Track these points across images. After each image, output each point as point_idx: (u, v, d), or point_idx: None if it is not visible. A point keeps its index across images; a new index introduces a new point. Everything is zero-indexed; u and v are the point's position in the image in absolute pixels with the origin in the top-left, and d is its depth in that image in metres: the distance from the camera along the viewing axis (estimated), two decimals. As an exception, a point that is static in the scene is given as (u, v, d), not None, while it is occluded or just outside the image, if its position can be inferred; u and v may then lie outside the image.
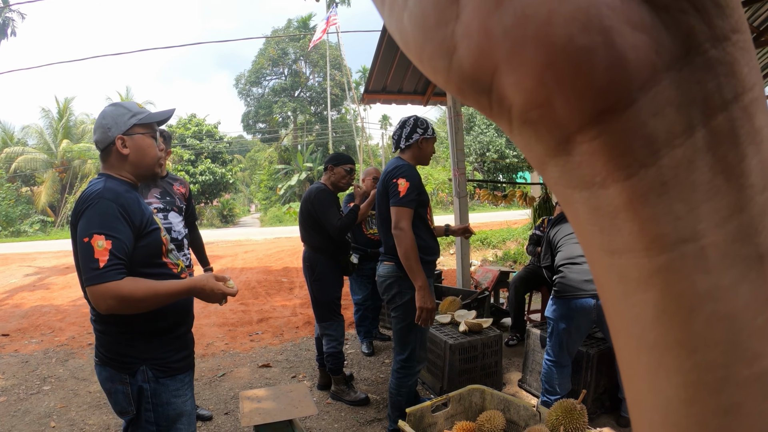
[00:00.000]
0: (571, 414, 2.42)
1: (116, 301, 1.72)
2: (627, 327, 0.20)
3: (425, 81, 6.76)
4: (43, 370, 4.85)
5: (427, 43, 0.21)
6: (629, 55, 0.17)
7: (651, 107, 0.18)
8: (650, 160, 0.18)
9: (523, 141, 0.21)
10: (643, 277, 0.19)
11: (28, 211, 27.65)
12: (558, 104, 0.18)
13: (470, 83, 0.20)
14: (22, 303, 7.92)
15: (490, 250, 12.32)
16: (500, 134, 32.18)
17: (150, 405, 1.91)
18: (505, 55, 0.18)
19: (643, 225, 0.18)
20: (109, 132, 1.92)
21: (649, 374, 0.20)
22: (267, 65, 40.80)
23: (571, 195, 0.20)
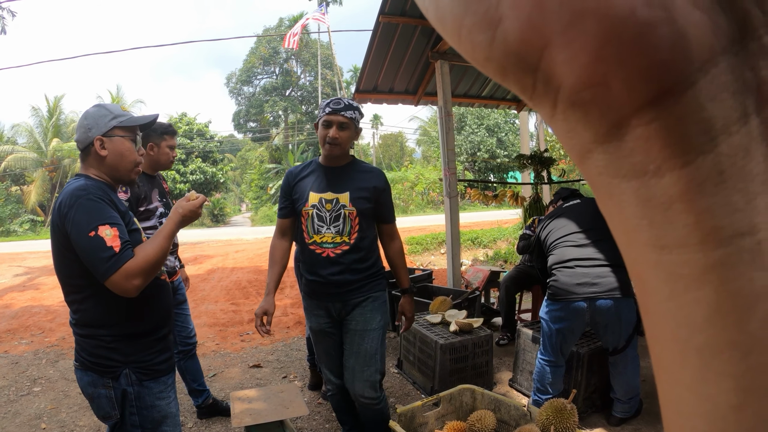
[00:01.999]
0: (562, 413, 2.43)
1: (141, 276, 1.78)
2: (673, 329, 0.19)
3: (416, 81, 6.76)
4: (33, 371, 4.82)
5: (467, 14, 0.19)
6: (690, 33, 0.17)
7: (709, 90, 0.17)
8: (708, 146, 0.17)
9: (567, 126, 0.19)
10: (696, 274, 0.18)
11: (17, 211, 27.46)
12: (615, 83, 0.17)
13: (515, 60, 0.19)
14: (12, 303, 7.87)
15: (480, 250, 12.34)
16: (491, 134, 32.23)
17: (134, 408, 1.91)
18: (560, 28, 0.17)
19: (699, 217, 0.17)
20: (89, 132, 1.93)
21: (696, 380, 0.19)
22: (258, 64, 40.73)
23: (618, 185, 0.19)
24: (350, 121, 2.64)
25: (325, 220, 2.68)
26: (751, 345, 0.17)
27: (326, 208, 2.67)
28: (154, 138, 3.32)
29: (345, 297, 2.73)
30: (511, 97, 8.02)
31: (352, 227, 2.68)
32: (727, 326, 0.17)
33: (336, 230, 2.67)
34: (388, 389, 4.18)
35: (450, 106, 6.00)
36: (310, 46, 38.39)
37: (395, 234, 2.93)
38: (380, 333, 2.80)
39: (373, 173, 2.79)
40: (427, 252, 12.18)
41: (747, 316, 0.17)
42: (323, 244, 2.69)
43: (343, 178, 2.71)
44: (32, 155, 28.76)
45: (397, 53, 6.12)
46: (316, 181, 2.73)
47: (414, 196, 28.85)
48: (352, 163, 2.79)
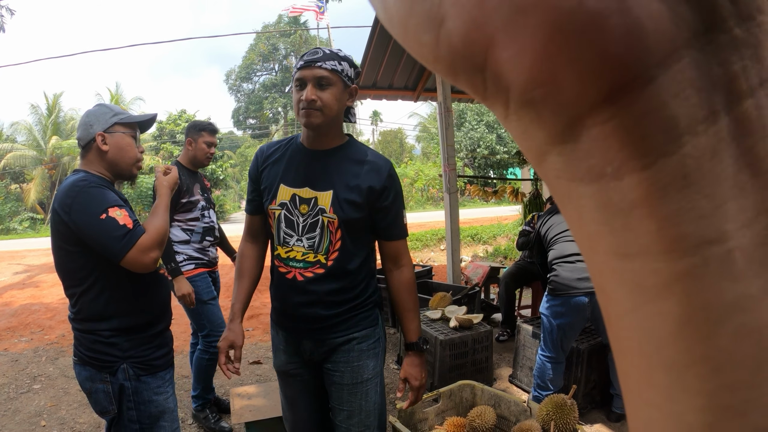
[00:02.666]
0: (562, 409, 2.43)
1: (156, 248, 1.87)
2: (638, 343, 0.18)
3: (416, 76, 6.75)
4: (33, 368, 4.82)
5: (411, 15, 0.18)
6: (647, 25, 0.15)
7: (671, 87, 0.15)
8: (671, 148, 0.16)
9: (521, 127, 0.18)
10: (661, 285, 0.16)
11: (17, 209, 27.45)
12: (565, 81, 0.16)
13: (462, 60, 0.17)
14: (12, 301, 7.87)
15: (480, 246, 12.34)
16: (491, 130, 32.21)
17: (132, 403, 1.92)
18: (502, 25, 0.16)
19: (662, 223, 0.16)
20: (91, 129, 1.97)
21: (665, 398, 0.17)
22: (257, 61, 40.74)
23: (575, 189, 0.18)
24: (334, 74, 1.79)
25: (295, 227, 1.90)
26: (721, 361, 0.16)
27: (300, 210, 1.89)
28: (192, 134, 3.41)
29: (318, 335, 1.97)
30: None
31: (332, 243, 1.87)
32: (695, 341, 0.16)
33: (309, 244, 1.88)
34: (388, 385, 4.18)
35: (449, 102, 5.99)
36: (310, 43, 38.35)
37: (403, 257, 2.03)
38: (376, 384, 2.07)
39: (373, 165, 1.92)
40: (427, 248, 12.18)
41: (716, 331, 0.16)
42: (290, 261, 1.91)
43: (329, 168, 1.90)
44: (31, 153, 28.74)
45: (396, 49, 6.10)
46: (290, 169, 1.94)
47: (414, 193, 28.88)
48: (345, 146, 1.95)
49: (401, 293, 2.05)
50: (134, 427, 1.93)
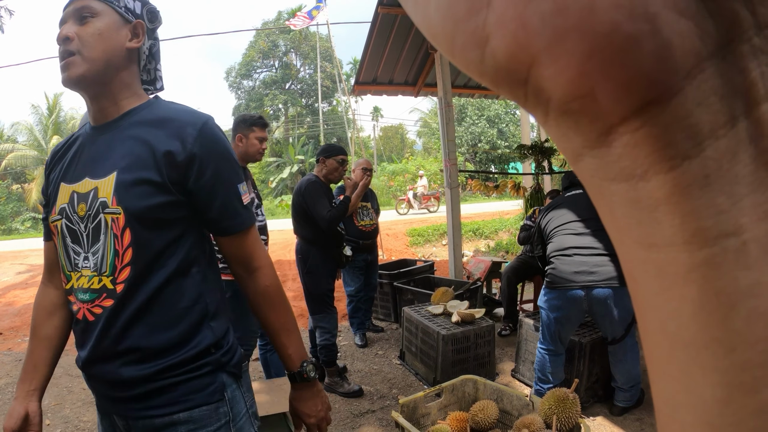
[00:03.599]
0: (564, 403, 2.43)
1: None
2: (662, 324, 0.20)
3: (416, 72, 6.75)
4: (36, 367, 4.83)
5: (457, 34, 0.19)
6: (675, 43, 0.17)
7: (696, 97, 0.17)
8: (694, 151, 0.17)
9: (559, 132, 0.20)
10: (683, 272, 0.18)
11: (19, 209, 27.50)
12: (601, 95, 0.17)
13: (505, 75, 0.19)
14: (15, 301, 7.89)
15: (482, 241, 12.34)
16: (492, 125, 32.18)
17: None
18: (544, 46, 0.17)
19: (685, 218, 0.18)
20: None
21: (684, 373, 0.19)
22: (257, 58, 40.66)
23: (607, 187, 0.20)
24: (101, 2, 1.27)
25: (80, 239, 1.27)
26: (735, 342, 0.17)
27: (78, 212, 1.27)
28: (242, 129, 3.27)
29: (124, 409, 1.31)
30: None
31: (117, 254, 1.22)
32: (711, 323, 0.18)
33: (94, 262, 1.24)
34: (391, 380, 4.20)
35: (450, 97, 5.99)
36: (309, 39, 38.30)
37: (253, 257, 1.39)
38: None
39: (176, 124, 1.26)
40: (429, 243, 12.19)
41: (731, 314, 0.17)
42: (77, 292, 1.28)
43: (113, 143, 1.28)
44: (33, 153, 28.78)
45: (396, 44, 6.10)
46: (73, 162, 1.35)
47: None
48: (140, 108, 1.32)
49: (261, 308, 1.41)
50: None
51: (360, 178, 4.52)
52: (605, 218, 0.21)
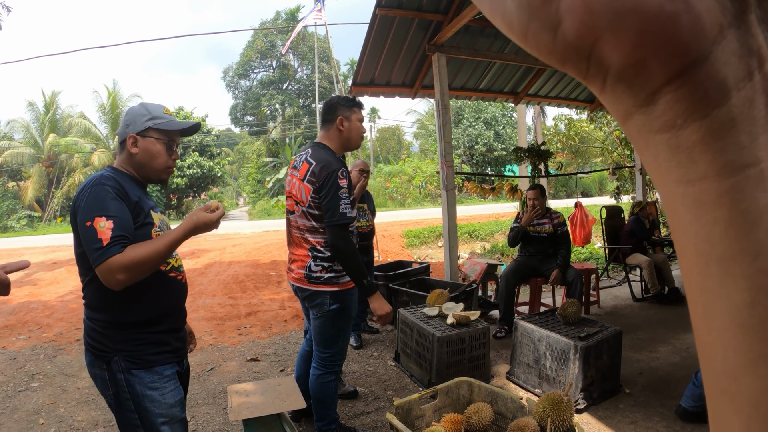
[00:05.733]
0: (558, 406, 2.44)
1: (124, 273, 1.77)
2: (697, 245, 0.24)
3: (413, 73, 6.75)
4: (31, 366, 4.82)
5: (532, 20, 0.24)
6: (704, 16, 0.21)
7: (721, 58, 0.21)
8: (722, 101, 0.22)
9: (614, 96, 0.25)
10: (714, 199, 0.22)
11: (14, 207, 27.41)
12: (651, 62, 0.22)
13: (573, 52, 0.24)
14: (9, 299, 7.85)
15: (478, 243, 12.35)
16: (489, 127, 32.22)
17: (128, 395, 1.93)
18: (606, 25, 0.22)
19: (716, 155, 0.22)
20: (127, 128, 1.99)
21: (717, 284, 0.23)
22: (255, 58, 40.62)
23: (653, 138, 0.24)
24: None
25: None
26: (758, 250, 0.22)
27: None
28: (344, 111, 2.92)
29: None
30: (509, 90, 8.02)
31: None
32: (739, 237, 0.22)
33: None
34: (386, 382, 4.20)
35: (447, 99, 6.00)
36: (307, 40, 38.26)
37: None
38: None
39: None
40: (425, 245, 12.19)
41: (754, 228, 0.22)
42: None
43: None
44: (29, 151, 28.70)
45: (393, 46, 6.11)
46: None
47: (411, 190, 28.89)
48: None
49: None
50: (133, 416, 1.94)
51: (357, 179, 4.52)
52: (650, 166, 0.26)
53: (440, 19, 5.78)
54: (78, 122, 29.94)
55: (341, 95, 3.04)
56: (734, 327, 0.23)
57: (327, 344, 2.97)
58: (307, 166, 2.79)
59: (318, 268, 2.82)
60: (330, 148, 2.89)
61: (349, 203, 2.74)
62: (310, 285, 2.84)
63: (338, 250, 2.73)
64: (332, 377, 3.03)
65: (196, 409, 3.78)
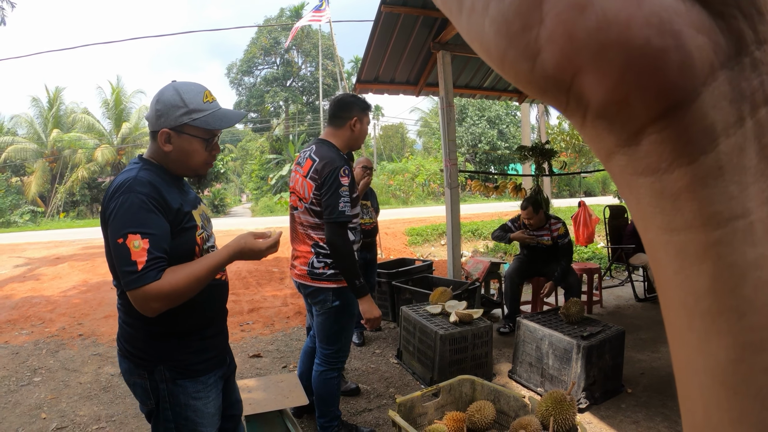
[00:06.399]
0: (561, 405, 2.43)
1: (160, 302, 1.62)
2: (681, 298, 0.23)
3: (418, 71, 6.74)
4: (33, 361, 4.83)
5: (510, 48, 0.22)
6: (695, 55, 0.20)
7: (711, 101, 0.20)
8: (710, 147, 0.20)
9: (594, 133, 0.23)
10: (700, 251, 0.21)
11: (18, 202, 27.44)
12: (634, 101, 0.20)
13: (552, 83, 0.22)
14: (12, 294, 7.88)
15: (480, 241, 12.35)
16: (492, 126, 32.20)
17: (168, 404, 1.80)
18: (589, 58, 0.20)
19: (702, 204, 0.21)
20: (158, 120, 1.77)
21: (701, 339, 0.22)
22: (259, 54, 40.59)
23: (636, 181, 0.23)
24: None
25: None
26: (745, 307, 0.20)
27: None
28: (358, 112, 2.91)
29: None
30: (513, 88, 8.00)
31: None
32: (725, 293, 0.21)
33: None
34: (388, 379, 4.20)
35: (451, 97, 5.99)
36: (311, 37, 38.25)
37: None
38: None
39: None
40: (428, 243, 12.19)
41: (741, 284, 0.20)
42: None
43: None
44: (32, 146, 28.74)
45: (398, 43, 6.10)
46: None
47: (415, 188, 28.88)
48: None
49: None
50: (170, 426, 1.82)
51: (360, 176, 4.51)
52: (632, 209, 0.24)
53: (445, 17, 5.76)
54: (82, 118, 29.97)
55: (356, 95, 3.02)
56: (716, 384, 0.22)
57: (330, 341, 2.96)
58: (311, 163, 2.79)
59: (321, 264, 2.81)
60: (335, 146, 2.87)
61: (350, 201, 2.72)
62: (313, 281, 2.83)
63: (334, 248, 2.72)
64: (335, 374, 3.02)
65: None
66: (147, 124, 1.85)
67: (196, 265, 1.71)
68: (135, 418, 3.60)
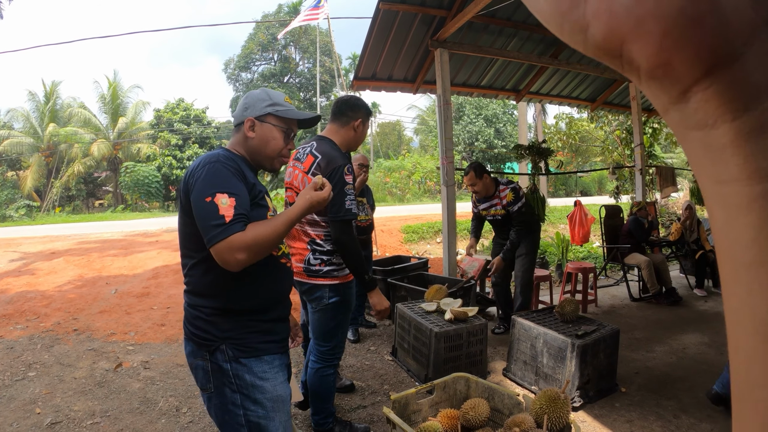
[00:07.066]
0: (555, 403, 2.44)
1: (245, 252, 1.69)
2: (729, 248, 0.24)
3: (415, 68, 6.74)
4: (28, 356, 4.82)
5: (564, 22, 0.25)
6: (732, 18, 0.21)
7: (755, 60, 0.21)
8: (753, 105, 0.22)
9: (650, 92, 0.25)
10: (745, 203, 0.23)
11: (13, 196, 27.35)
12: (676, 64, 0.22)
13: (604, 51, 0.24)
14: (7, 289, 7.85)
15: (477, 240, 12.33)
16: (489, 124, 32.20)
17: (234, 386, 1.81)
18: (629, 29, 0.23)
19: (746, 159, 0.22)
20: (245, 111, 1.97)
21: (745, 291, 0.23)
22: (257, 50, 40.48)
23: (688, 134, 0.24)
24: None
25: None
26: None
27: None
28: (364, 116, 3.05)
29: None
30: (510, 87, 8.01)
31: None
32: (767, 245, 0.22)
33: None
34: (383, 376, 4.20)
35: (449, 95, 5.99)
36: (309, 33, 38.18)
37: None
38: None
39: None
40: (423, 241, 12.18)
41: None
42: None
43: None
44: (28, 140, 28.63)
45: (396, 41, 6.09)
46: None
47: (411, 185, 28.86)
48: None
49: None
50: (238, 412, 1.82)
51: (356, 173, 4.51)
52: (690, 159, 0.26)
53: (443, 15, 5.77)
54: (78, 112, 29.85)
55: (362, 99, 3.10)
56: (758, 338, 0.23)
57: (326, 337, 2.97)
58: (312, 159, 2.79)
59: (317, 261, 2.82)
60: (335, 143, 2.89)
61: (354, 200, 2.74)
62: (309, 278, 2.83)
63: (342, 245, 2.72)
64: (331, 371, 3.03)
65: (192, 400, 3.79)
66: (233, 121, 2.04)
67: (275, 220, 1.83)
68: (130, 413, 3.60)
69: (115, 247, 11.26)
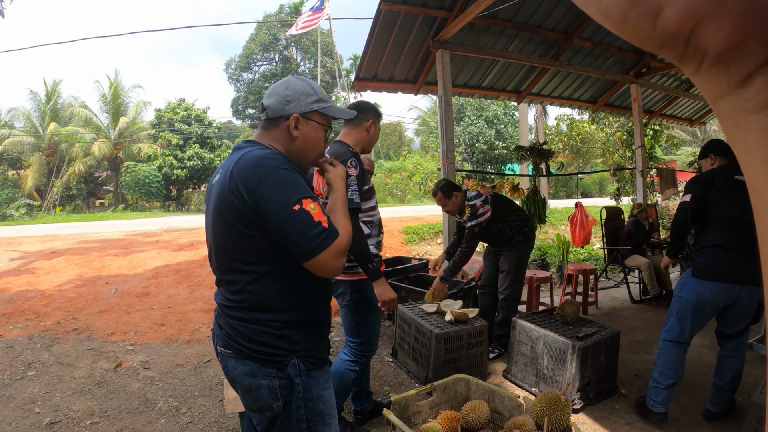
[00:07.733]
0: (556, 405, 2.43)
1: (345, 254, 1.64)
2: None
3: (417, 69, 6.73)
4: (27, 355, 4.82)
5: (632, 8, 0.25)
6: None
7: None
8: None
9: (708, 77, 0.26)
10: None
11: (14, 195, 27.34)
12: (750, 44, 0.23)
13: (672, 37, 0.25)
14: (7, 288, 7.85)
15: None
16: (490, 126, 32.18)
17: (302, 401, 1.72)
18: (709, 10, 0.23)
19: None
20: (288, 105, 1.76)
21: None
22: (258, 51, 40.51)
23: (744, 118, 0.25)
24: None
25: None
26: None
27: None
28: (375, 117, 3.10)
29: None
30: (511, 88, 8.01)
31: None
32: None
33: None
34: (383, 378, 4.20)
35: (450, 96, 5.98)
36: (311, 33, 38.19)
37: None
38: None
39: None
40: (424, 242, 12.18)
41: None
42: None
43: None
44: (29, 139, 28.61)
45: (397, 41, 6.08)
46: None
47: (412, 186, 28.85)
48: None
49: None
50: (302, 426, 1.72)
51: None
52: (737, 145, 0.27)
53: (445, 16, 5.76)
54: (79, 112, 29.83)
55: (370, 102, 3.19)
56: None
57: (353, 333, 3.04)
58: None
59: None
60: (349, 145, 2.97)
61: (357, 190, 2.75)
62: None
63: None
64: (356, 367, 3.05)
65: (192, 401, 3.78)
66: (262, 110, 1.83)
67: (337, 207, 1.79)
68: (129, 413, 3.60)
69: (115, 246, 11.25)
